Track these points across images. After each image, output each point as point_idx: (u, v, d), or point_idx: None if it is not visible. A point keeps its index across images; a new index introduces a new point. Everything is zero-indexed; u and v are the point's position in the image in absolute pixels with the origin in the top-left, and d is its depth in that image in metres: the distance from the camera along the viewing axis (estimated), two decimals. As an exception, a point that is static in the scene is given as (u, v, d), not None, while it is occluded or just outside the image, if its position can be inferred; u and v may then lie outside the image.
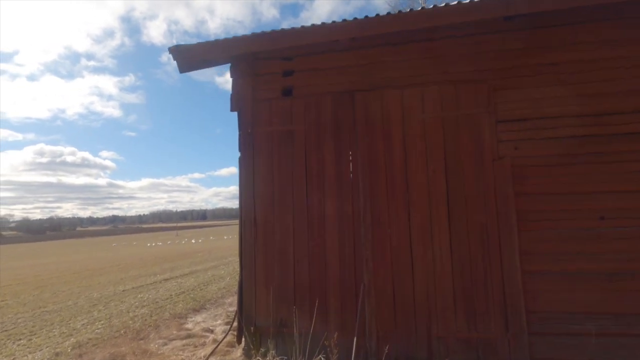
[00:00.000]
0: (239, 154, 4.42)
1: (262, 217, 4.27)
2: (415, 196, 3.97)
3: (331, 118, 4.23)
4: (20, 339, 6.48)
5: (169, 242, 46.91)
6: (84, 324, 7.31)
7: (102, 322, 7.39)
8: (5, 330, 7.16)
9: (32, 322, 7.74)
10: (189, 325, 6.65)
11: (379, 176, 4.06)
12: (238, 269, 4.69)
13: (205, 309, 8.11)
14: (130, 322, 7.24)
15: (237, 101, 4.46)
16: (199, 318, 7.17)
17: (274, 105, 4.38)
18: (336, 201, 4.13)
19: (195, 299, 9.09)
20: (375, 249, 3.99)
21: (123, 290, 11.16)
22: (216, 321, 6.74)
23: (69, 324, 7.39)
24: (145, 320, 7.32)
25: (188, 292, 10.17)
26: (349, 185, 4.13)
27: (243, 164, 4.37)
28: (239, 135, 4.41)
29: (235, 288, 10.22)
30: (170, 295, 9.86)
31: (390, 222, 3.99)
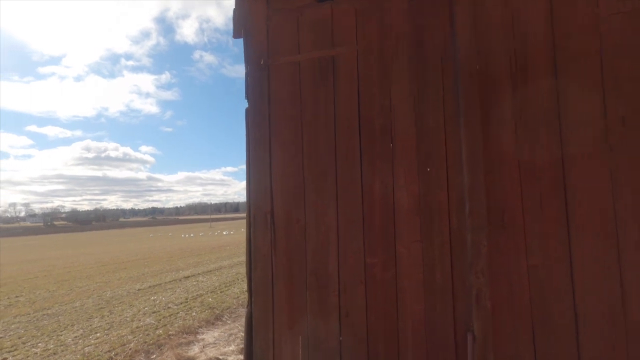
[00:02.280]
0: (245, 106, 2.65)
1: (283, 213, 2.49)
2: (581, 173, 2.00)
3: (405, 31, 2.34)
4: (-6, 357, 5.24)
5: (201, 234, 47.47)
6: (77, 336, 6.02)
7: (98, 334, 6.07)
8: (-11, 341, 6.01)
9: (24, 329, 6.62)
10: (195, 350, 5.10)
11: (501, 136, 2.13)
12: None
13: (221, 321, 6.60)
14: (130, 336, 5.86)
15: (243, 18, 2.68)
16: (210, 337, 5.63)
17: (303, 18, 2.55)
18: (418, 184, 2.25)
19: (212, 305, 7.64)
20: (495, 272, 2.08)
21: (138, 290, 10.03)
22: (229, 346, 5.15)
23: (61, 335, 6.14)
24: (148, 334, 5.91)
25: (206, 295, 8.78)
26: (442, 154, 2.23)
27: (252, 122, 2.60)
28: (246, 72, 2.64)
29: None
30: (186, 298, 8.51)
31: (525, 223, 2.06)
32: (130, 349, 5.26)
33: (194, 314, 7.14)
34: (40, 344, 5.71)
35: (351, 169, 2.38)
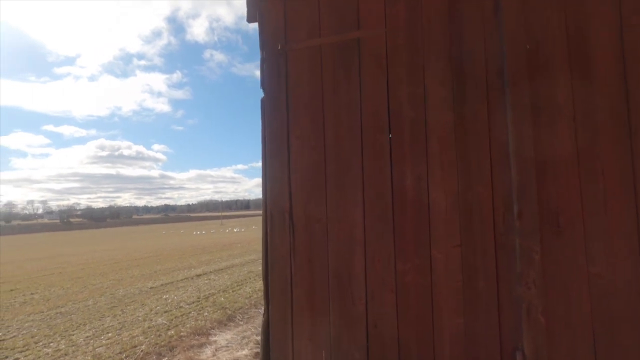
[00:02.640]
0: (261, 95, 2.42)
1: (303, 211, 2.26)
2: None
3: (440, 8, 2.07)
4: (6, 357, 5.18)
5: (212, 231, 47.88)
6: (88, 336, 5.94)
7: (110, 334, 5.98)
8: (2, 340, 5.99)
9: (37, 328, 6.59)
10: (207, 354, 4.94)
11: (557, 126, 1.85)
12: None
13: (233, 322, 6.43)
14: (142, 337, 5.75)
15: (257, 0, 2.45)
16: (222, 339, 5.46)
17: (324, -3, 2.30)
18: (456, 180, 1.99)
19: (224, 305, 7.50)
20: (549, 283, 1.81)
21: (150, 288, 9.99)
22: (243, 349, 4.96)
23: (73, 335, 6.07)
24: (159, 335, 5.79)
25: (218, 294, 8.66)
26: (485, 146, 1.96)
27: (268, 112, 2.38)
28: (262, 59, 2.41)
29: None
30: (198, 297, 8.40)
31: (585, 226, 1.78)
32: (141, 351, 5.13)
33: (205, 314, 7.01)
34: (52, 344, 5.64)
35: (379, 163, 2.13)
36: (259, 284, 9.73)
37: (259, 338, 5.13)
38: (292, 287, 2.24)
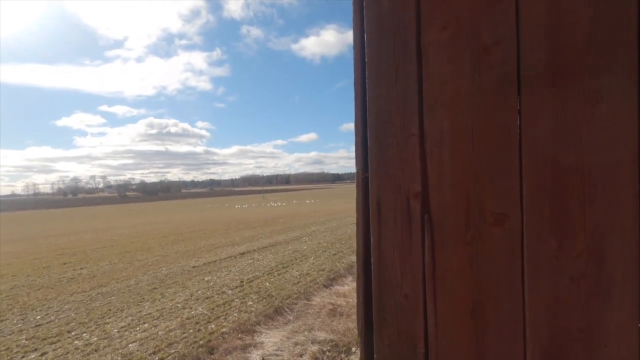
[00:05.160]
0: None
1: (455, 198, 0.97)
2: None
3: None
4: (35, 350, 4.66)
5: (254, 205, 48.80)
6: (123, 326, 5.35)
7: (145, 325, 5.35)
8: (38, 326, 5.58)
9: (75, 312, 6.18)
10: (253, 365, 4.01)
11: None
12: (323, 245, 1.63)
13: (281, 316, 5.52)
14: (179, 331, 5.03)
15: None
16: (270, 342, 4.53)
17: None
18: None
19: (270, 293, 6.64)
20: None
21: (193, 267, 9.51)
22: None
23: (109, 323, 5.52)
24: (199, 330, 5.04)
25: (263, 278, 7.88)
26: None
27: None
28: None
29: (322, 278, 7.49)
30: (241, 281, 7.67)
31: None
32: (177, 352, 4.34)
33: (250, 302, 6.19)
34: (84, 334, 5.08)
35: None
36: (306, 267, 8.75)
37: (315, 348, 4.10)
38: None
